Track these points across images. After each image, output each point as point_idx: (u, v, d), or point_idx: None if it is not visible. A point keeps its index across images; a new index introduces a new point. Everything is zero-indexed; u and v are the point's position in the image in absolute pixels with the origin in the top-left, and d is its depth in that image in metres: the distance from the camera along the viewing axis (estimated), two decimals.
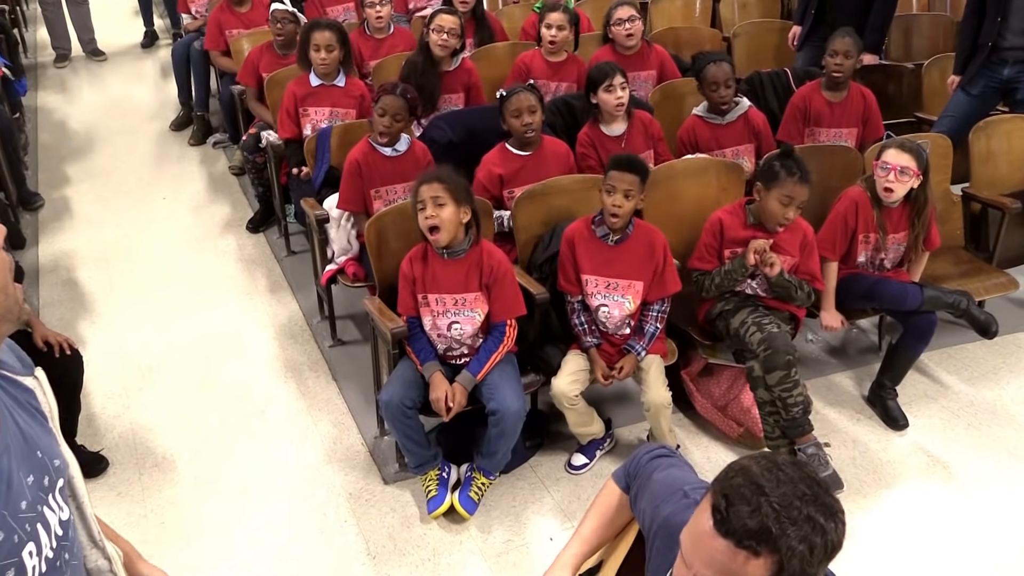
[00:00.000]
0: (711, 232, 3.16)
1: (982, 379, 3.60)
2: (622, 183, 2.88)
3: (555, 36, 4.21)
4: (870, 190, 3.26)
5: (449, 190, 2.74)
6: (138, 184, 5.32)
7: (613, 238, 2.98)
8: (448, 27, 4.06)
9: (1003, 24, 4.03)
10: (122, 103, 6.57)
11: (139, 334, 3.90)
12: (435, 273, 2.84)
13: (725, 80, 3.68)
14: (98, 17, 7.53)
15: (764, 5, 5.71)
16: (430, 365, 2.83)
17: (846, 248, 3.30)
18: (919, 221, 3.26)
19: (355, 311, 3.95)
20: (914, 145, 3.19)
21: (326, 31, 4.00)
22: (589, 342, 3.01)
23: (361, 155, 3.48)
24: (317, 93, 4.07)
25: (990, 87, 4.17)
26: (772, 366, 2.94)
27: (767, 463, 1.34)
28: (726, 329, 3.15)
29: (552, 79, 4.26)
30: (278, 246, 4.58)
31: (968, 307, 3.23)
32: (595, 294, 3.00)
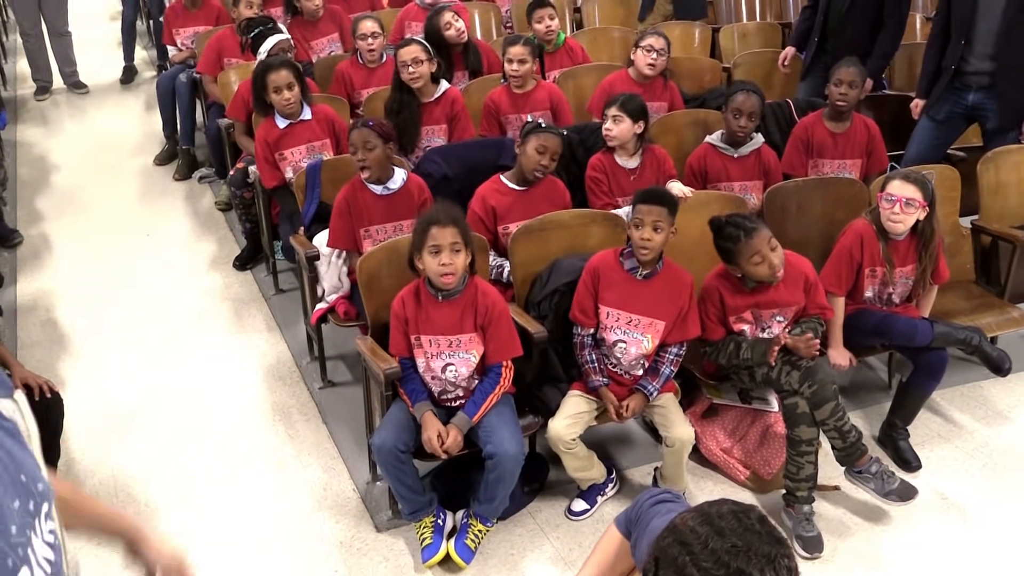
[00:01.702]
0: (711, 303, 3.14)
1: (997, 418, 3.61)
2: (650, 215, 2.91)
3: (516, 70, 4.26)
4: (875, 223, 3.29)
5: (463, 235, 2.77)
6: (121, 220, 5.35)
7: (642, 272, 3.00)
8: (410, 58, 4.10)
9: (967, 48, 4.09)
10: (105, 137, 6.62)
11: (121, 376, 3.90)
12: (429, 314, 2.85)
13: (750, 111, 3.75)
14: (81, 49, 7.62)
15: (764, 35, 5.80)
16: (421, 405, 2.84)
17: (852, 283, 3.33)
18: (926, 253, 3.29)
19: (346, 351, 3.95)
20: (919, 176, 3.22)
21: (281, 70, 4.01)
22: (598, 381, 3.01)
23: (350, 193, 3.51)
24: (287, 134, 4.10)
25: (955, 113, 4.23)
26: (821, 400, 2.96)
27: (701, 518, 1.31)
28: (750, 376, 3.15)
29: (521, 111, 4.29)
30: (266, 284, 4.59)
31: (980, 344, 3.25)
32: (614, 328, 3.01)
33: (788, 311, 3.13)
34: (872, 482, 3.04)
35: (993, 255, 3.86)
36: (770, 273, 3.02)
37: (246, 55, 5.16)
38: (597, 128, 4.09)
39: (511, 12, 6.16)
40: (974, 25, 4.04)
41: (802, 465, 3.01)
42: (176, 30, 6.02)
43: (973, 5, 4.02)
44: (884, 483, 3.03)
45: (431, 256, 2.76)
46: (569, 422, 2.95)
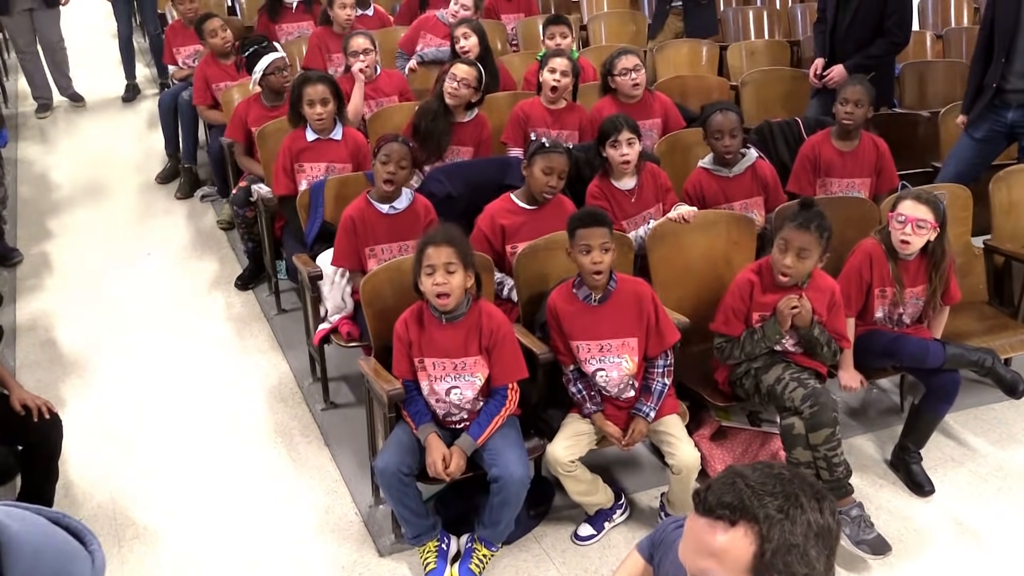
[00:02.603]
0: (739, 295, 3.15)
1: (1011, 441, 3.60)
2: (596, 238, 2.90)
3: (559, 81, 4.28)
4: (884, 242, 3.30)
5: (459, 255, 2.78)
6: (122, 240, 5.38)
7: (596, 297, 2.99)
8: (461, 76, 4.15)
9: (1007, 66, 4.12)
10: (106, 155, 6.66)
11: (121, 397, 3.91)
12: (432, 336, 2.86)
13: (730, 130, 3.74)
14: (83, 67, 7.68)
15: (773, 53, 5.83)
16: (425, 427, 2.84)
17: (862, 303, 3.33)
18: (936, 274, 3.29)
19: (349, 372, 3.96)
20: (931, 196, 3.23)
21: (318, 84, 4.05)
22: (590, 409, 3.00)
23: (357, 212, 3.53)
24: (313, 148, 4.13)
25: (995, 131, 4.25)
26: (819, 423, 2.95)
27: (754, 463, 1.46)
28: (755, 387, 3.14)
29: (553, 127, 4.34)
30: (268, 304, 4.61)
31: (993, 365, 3.25)
32: (589, 360, 3.00)
33: None
34: (848, 526, 3.00)
35: (1006, 275, 3.87)
36: (778, 268, 3.04)
37: (241, 74, 5.24)
38: None
39: (517, 30, 6.21)
40: (1015, 42, 4.08)
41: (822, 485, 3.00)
42: (176, 49, 6.08)
43: (1015, 22, 4.05)
44: (860, 530, 2.99)
45: (427, 276, 2.78)
46: (567, 444, 2.94)
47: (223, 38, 5.34)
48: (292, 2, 6.06)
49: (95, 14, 9.35)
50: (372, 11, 6.14)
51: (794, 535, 1.35)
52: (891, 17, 4.68)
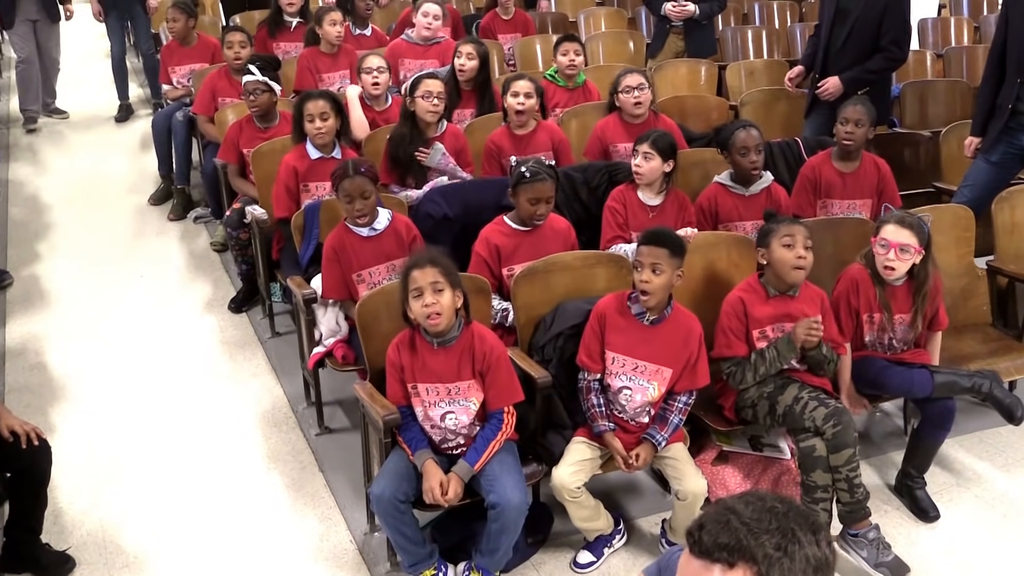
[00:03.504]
0: (734, 315, 3.16)
1: (1017, 465, 3.59)
2: (649, 257, 2.92)
3: (523, 103, 4.25)
4: (870, 267, 3.29)
5: (445, 274, 2.78)
6: (114, 261, 5.37)
7: (649, 318, 3.00)
8: (436, 91, 4.17)
9: (1022, 87, 4.13)
10: (98, 176, 6.67)
11: (111, 422, 3.89)
12: (425, 362, 2.86)
13: (755, 146, 3.79)
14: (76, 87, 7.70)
15: (771, 73, 5.86)
16: (422, 453, 2.83)
17: (853, 329, 3.32)
18: (919, 298, 3.26)
19: (344, 397, 3.95)
20: (914, 220, 3.21)
21: (319, 100, 4.09)
22: (604, 426, 3.00)
23: (336, 240, 3.53)
24: (316, 167, 4.13)
25: (1010, 153, 4.25)
26: (842, 443, 2.94)
27: (743, 495, 1.44)
28: (769, 410, 3.12)
29: (523, 153, 4.26)
30: (262, 327, 4.60)
31: (992, 390, 3.21)
32: (619, 374, 3.01)
33: None
34: (866, 549, 3.00)
35: (1010, 297, 3.87)
36: (795, 263, 3.06)
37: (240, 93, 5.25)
38: (602, 168, 4.14)
39: (514, 50, 6.24)
40: None
41: (816, 514, 2.99)
42: (172, 68, 6.10)
43: None
44: (878, 553, 2.99)
45: (415, 300, 2.78)
46: (574, 469, 2.94)
47: (235, 53, 5.31)
48: (292, 22, 6.08)
49: (88, 34, 9.39)
50: (370, 31, 6.16)
51: (793, 571, 1.35)
52: (887, 35, 4.71)
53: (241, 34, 5.41)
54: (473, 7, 7.57)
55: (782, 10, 7.49)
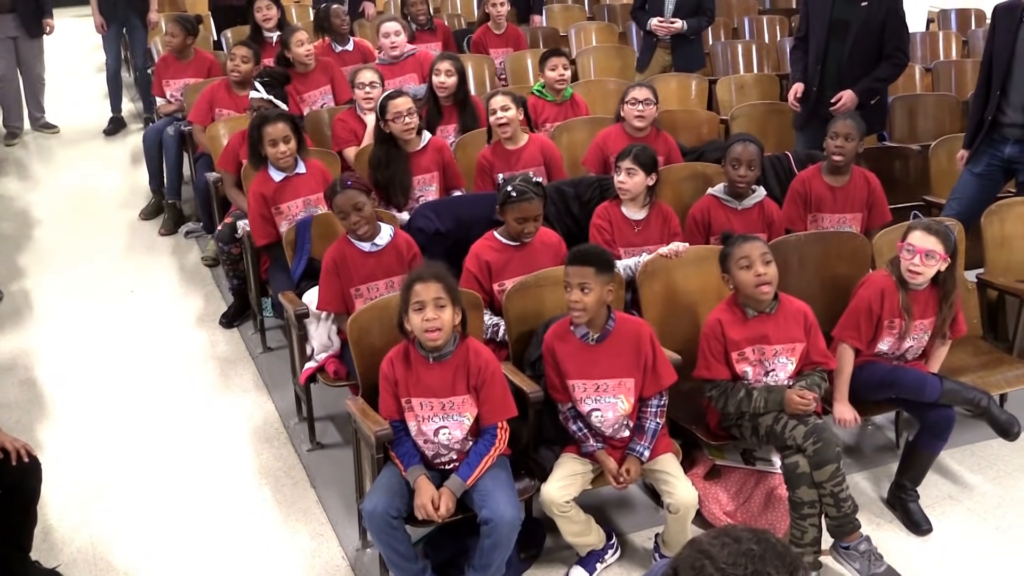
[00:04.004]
0: (713, 337, 3.15)
1: (1009, 478, 3.60)
2: (576, 277, 2.90)
3: (500, 118, 4.26)
4: (895, 274, 3.31)
5: (447, 290, 2.78)
6: (104, 277, 5.36)
7: (593, 336, 2.99)
8: (404, 109, 4.19)
9: (1003, 98, 4.18)
10: (89, 190, 6.67)
11: (101, 438, 3.88)
12: (420, 376, 2.85)
13: (749, 161, 3.80)
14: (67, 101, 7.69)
15: (762, 87, 5.90)
16: (414, 469, 2.83)
17: (871, 335, 3.33)
18: (946, 305, 3.30)
19: (336, 412, 3.94)
20: (942, 228, 3.24)
21: (278, 123, 4.10)
22: (592, 446, 3.00)
23: (338, 252, 3.53)
24: (284, 187, 4.15)
25: (993, 165, 4.29)
26: (823, 460, 2.95)
27: (717, 533, 1.39)
28: (753, 430, 3.14)
29: (514, 169, 4.30)
30: (253, 342, 4.59)
31: (988, 406, 3.25)
32: (584, 399, 3.00)
33: (791, 351, 3.14)
34: (858, 561, 3.01)
35: (1000, 310, 3.89)
36: (756, 281, 3.04)
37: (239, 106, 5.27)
38: (593, 182, 4.15)
39: (504, 65, 6.27)
40: (1011, 75, 4.13)
41: (805, 529, 3.00)
42: (166, 81, 6.09)
43: (1010, 55, 4.11)
44: (871, 565, 3.00)
45: (415, 313, 2.78)
46: (562, 484, 2.93)
47: (235, 66, 5.31)
48: (272, 37, 6.07)
49: (81, 47, 9.39)
50: (352, 46, 6.14)
51: None
52: (891, 42, 4.71)
53: (246, 49, 5.39)
54: (465, 22, 7.60)
55: (771, 25, 7.54)
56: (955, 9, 7.91)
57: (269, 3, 6.08)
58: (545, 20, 7.70)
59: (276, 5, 6.13)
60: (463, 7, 8.41)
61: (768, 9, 8.48)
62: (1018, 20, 4.11)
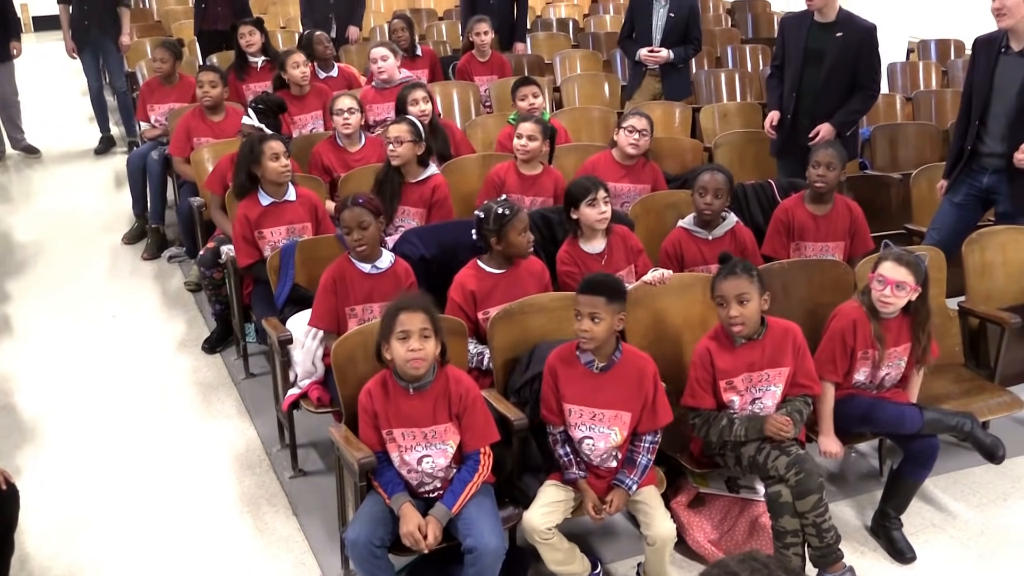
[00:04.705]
0: (701, 366, 3.15)
1: (992, 506, 3.61)
2: (586, 307, 2.90)
3: (525, 146, 4.35)
4: (866, 304, 3.33)
5: (432, 321, 2.78)
6: (86, 301, 5.33)
7: (598, 365, 2.99)
8: (393, 135, 4.23)
9: (982, 128, 4.22)
10: (72, 214, 6.63)
11: (81, 465, 3.84)
12: (399, 406, 2.84)
13: (715, 189, 3.81)
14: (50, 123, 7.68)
15: (745, 115, 5.95)
16: (399, 496, 2.81)
17: (847, 367, 3.34)
18: (923, 333, 3.31)
19: (319, 439, 3.91)
20: (912, 258, 3.26)
21: (275, 140, 4.14)
22: (575, 474, 2.99)
23: (338, 270, 3.54)
24: (270, 212, 4.15)
25: (971, 195, 4.33)
26: (805, 490, 2.95)
27: (744, 556, 1.40)
28: (736, 459, 3.14)
29: (527, 193, 4.38)
30: (236, 368, 4.57)
31: (973, 430, 3.26)
32: (579, 425, 3.00)
33: (779, 375, 3.14)
34: None
35: (981, 337, 3.91)
36: (728, 321, 3.07)
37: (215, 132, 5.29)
38: None
39: (490, 92, 6.30)
40: (989, 106, 4.18)
41: (789, 558, 2.99)
42: (151, 106, 6.09)
43: (989, 86, 4.16)
44: None
45: (399, 342, 2.76)
46: (545, 511, 2.92)
47: (205, 92, 5.34)
48: (257, 62, 6.13)
49: (64, 71, 9.38)
50: (336, 72, 6.18)
51: None
52: (864, 72, 4.79)
53: (212, 74, 5.42)
54: (450, 48, 7.65)
55: (754, 54, 7.62)
56: (935, 40, 8.02)
57: (252, 28, 6.12)
58: (530, 48, 7.76)
59: (260, 31, 6.16)
60: (448, 34, 8.47)
61: (751, 39, 8.59)
62: (996, 52, 4.16)
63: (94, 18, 7.41)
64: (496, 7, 6.95)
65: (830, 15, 4.79)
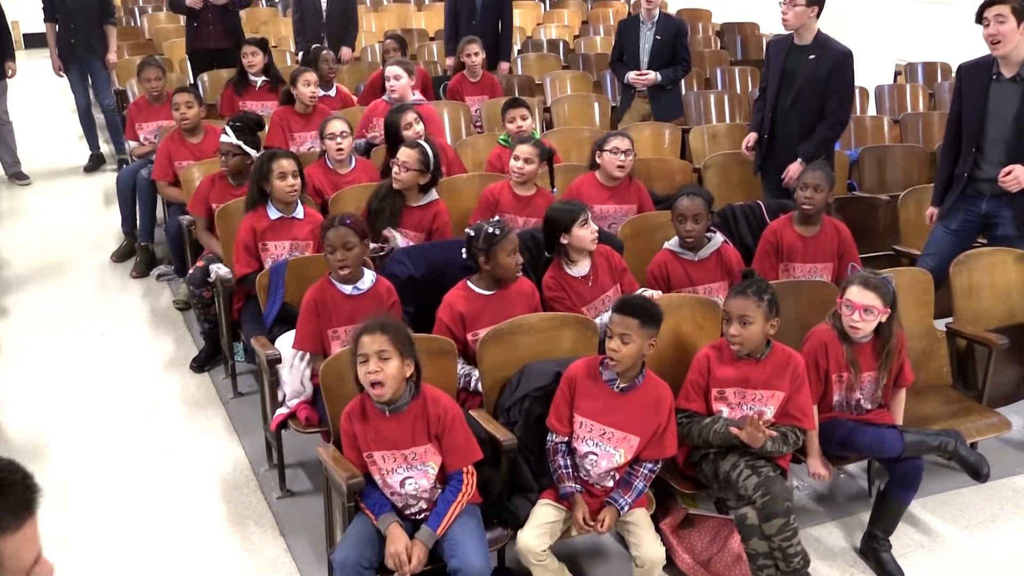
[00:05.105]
0: (697, 370, 3.20)
1: (980, 527, 3.61)
2: (619, 327, 2.92)
3: (521, 168, 4.37)
4: (836, 327, 3.34)
5: (394, 342, 2.75)
6: (74, 319, 5.30)
7: (620, 384, 3.00)
8: (402, 159, 4.23)
9: (978, 155, 4.23)
10: (60, 232, 6.61)
11: (69, 485, 3.80)
12: (378, 430, 2.83)
13: (693, 214, 3.82)
14: (39, 140, 7.65)
15: (734, 136, 5.97)
16: (386, 517, 2.80)
17: (822, 389, 3.35)
18: (884, 354, 3.32)
19: (307, 459, 3.89)
20: (879, 281, 3.26)
21: (289, 158, 4.18)
22: (570, 487, 2.99)
23: (319, 293, 3.52)
24: (277, 227, 4.16)
25: (968, 221, 4.33)
26: (771, 513, 2.94)
27: None
28: (713, 473, 3.14)
29: (520, 213, 4.39)
30: (224, 387, 4.55)
31: (957, 449, 3.27)
32: (586, 439, 3.00)
33: (772, 399, 3.15)
34: None
35: (969, 359, 3.92)
36: (728, 338, 3.12)
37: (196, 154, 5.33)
38: None
39: (480, 112, 6.32)
40: (985, 133, 4.19)
41: None
42: (139, 124, 6.09)
43: (983, 112, 4.17)
44: None
45: (360, 366, 2.76)
46: (539, 532, 2.91)
47: (182, 115, 5.36)
48: (257, 80, 6.18)
49: (52, 90, 9.37)
50: (335, 91, 6.23)
51: None
52: (832, 100, 4.83)
53: (187, 95, 5.44)
54: (440, 68, 7.68)
55: (743, 76, 7.67)
56: (922, 63, 8.09)
57: (256, 49, 6.21)
58: (521, 68, 7.80)
59: (263, 51, 6.22)
60: (439, 54, 8.50)
61: (740, 61, 8.64)
62: (987, 79, 4.16)
63: (80, 36, 7.41)
64: (480, 28, 6.99)
65: (807, 37, 4.85)
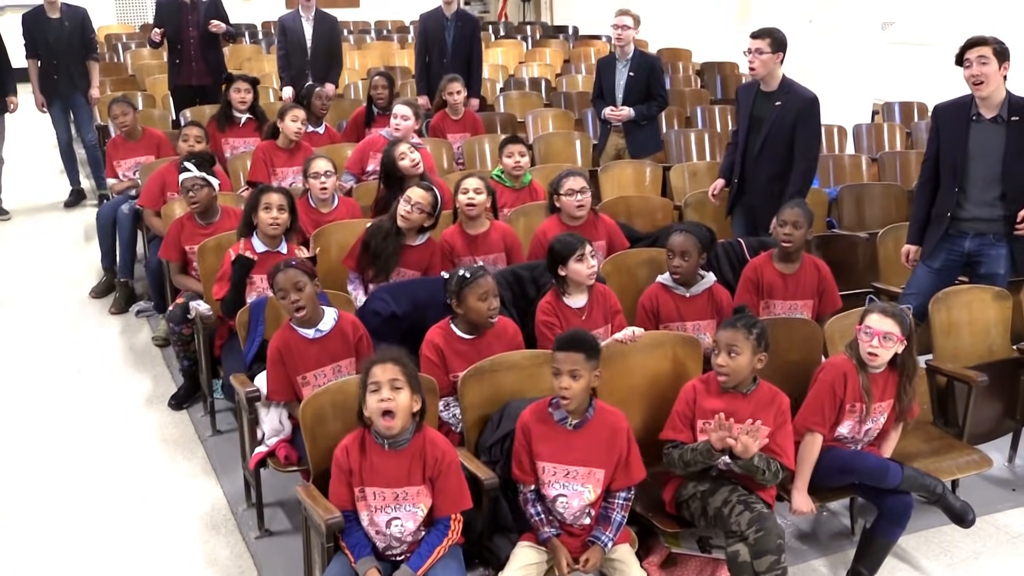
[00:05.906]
0: (683, 401, 3.21)
1: (963, 565, 3.60)
2: (566, 363, 2.91)
3: (472, 199, 4.33)
4: (855, 357, 3.35)
5: (406, 374, 2.76)
6: (52, 355, 5.25)
7: (572, 422, 2.98)
8: (415, 200, 4.21)
9: (961, 195, 4.26)
10: (39, 267, 6.57)
11: (43, 524, 3.74)
12: (374, 464, 2.80)
13: (682, 252, 3.84)
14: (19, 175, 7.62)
15: (713, 174, 5.96)
16: (365, 561, 2.76)
17: (835, 419, 3.35)
18: (909, 386, 3.35)
19: (286, 498, 3.84)
20: (897, 310, 3.31)
21: (278, 193, 4.21)
22: (548, 532, 2.96)
23: (282, 341, 3.48)
24: (262, 260, 4.13)
25: (952, 260, 4.35)
26: (764, 549, 2.92)
27: None
28: (702, 511, 3.12)
29: (476, 253, 4.36)
30: (203, 425, 4.50)
31: (944, 494, 3.28)
32: (552, 483, 2.98)
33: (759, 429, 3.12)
34: None
35: (949, 396, 3.93)
36: (715, 368, 3.15)
37: None
38: None
39: (462, 149, 6.35)
40: (967, 173, 4.21)
41: None
42: (117, 162, 6.11)
43: (964, 153, 4.20)
44: None
45: (371, 394, 2.75)
46: (519, 575, 2.88)
47: (190, 147, 5.38)
48: (241, 117, 6.19)
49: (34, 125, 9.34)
50: (323, 129, 6.26)
51: None
52: (799, 147, 4.87)
53: (199, 129, 5.53)
54: None
55: (723, 114, 7.75)
56: (899, 102, 8.20)
57: (248, 87, 6.25)
58: (503, 106, 7.85)
59: (254, 89, 6.23)
60: None
61: (719, 99, 8.74)
62: (966, 119, 4.19)
63: (63, 71, 7.43)
64: (451, 66, 7.05)
65: (772, 84, 4.92)
